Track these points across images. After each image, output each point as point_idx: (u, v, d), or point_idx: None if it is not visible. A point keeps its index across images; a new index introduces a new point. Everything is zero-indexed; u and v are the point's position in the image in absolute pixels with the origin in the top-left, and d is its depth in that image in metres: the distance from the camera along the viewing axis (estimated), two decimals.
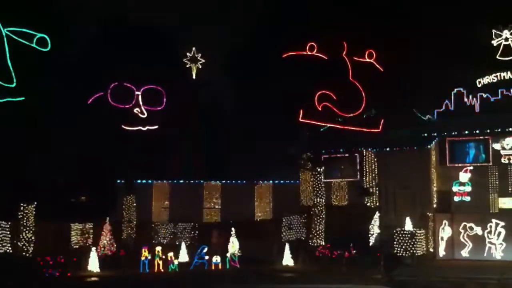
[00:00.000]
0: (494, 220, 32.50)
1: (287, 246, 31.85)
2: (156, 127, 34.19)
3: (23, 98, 27.83)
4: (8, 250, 32.14)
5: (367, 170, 36.10)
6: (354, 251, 30.66)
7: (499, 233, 32.33)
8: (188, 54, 36.12)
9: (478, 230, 32.77)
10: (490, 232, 32.57)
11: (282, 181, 40.27)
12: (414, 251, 31.08)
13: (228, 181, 39.81)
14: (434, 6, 42.00)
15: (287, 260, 31.50)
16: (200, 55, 36.11)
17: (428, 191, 34.29)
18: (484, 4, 38.96)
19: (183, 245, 32.33)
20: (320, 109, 32.74)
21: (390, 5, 42.71)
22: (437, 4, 41.83)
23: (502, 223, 32.31)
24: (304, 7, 43.43)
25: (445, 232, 33.39)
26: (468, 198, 33.61)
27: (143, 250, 30.27)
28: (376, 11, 42.26)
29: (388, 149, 34.83)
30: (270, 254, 32.23)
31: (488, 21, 36.00)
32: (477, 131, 33.52)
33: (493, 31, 34.22)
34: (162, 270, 29.80)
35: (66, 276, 28.19)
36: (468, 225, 33.00)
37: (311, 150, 36.63)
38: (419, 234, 31.59)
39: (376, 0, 43.25)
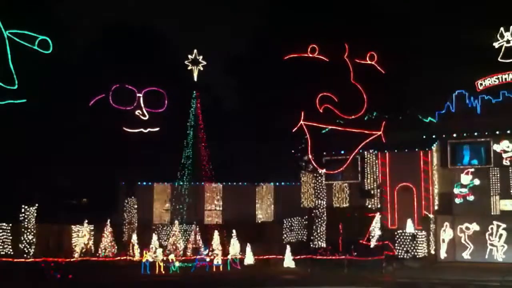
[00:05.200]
0: (495, 222, 32.53)
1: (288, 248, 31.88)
2: (157, 129, 34.18)
3: (25, 100, 27.80)
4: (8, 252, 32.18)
5: (368, 172, 36.08)
6: (355, 253, 30.64)
7: (501, 235, 32.35)
8: (189, 56, 36.07)
9: (479, 232, 32.77)
10: (491, 234, 32.57)
11: (283, 183, 40.35)
12: (416, 253, 31.07)
13: (230, 183, 39.86)
14: (436, 8, 42.09)
15: (289, 262, 31.52)
16: (201, 57, 36.06)
17: (430, 193, 34.27)
18: (486, 6, 39.03)
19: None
20: (321, 111, 32.68)
21: (392, 7, 42.80)
22: (439, 6, 41.91)
23: (503, 225, 32.34)
24: (306, 9, 43.48)
25: (447, 234, 33.41)
26: (469, 200, 33.59)
27: (144, 252, 30.27)
28: (378, 13, 42.34)
29: (389, 151, 34.78)
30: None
31: (489, 24, 36.03)
32: (479, 133, 33.51)
33: (495, 33, 34.20)
34: (163, 272, 29.80)
35: (67, 278, 28.17)
36: (470, 227, 33.02)
37: (312, 152, 36.61)
38: (420, 236, 31.58)
39: (377, 2, 43.34)
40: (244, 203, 39.46)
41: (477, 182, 33.50)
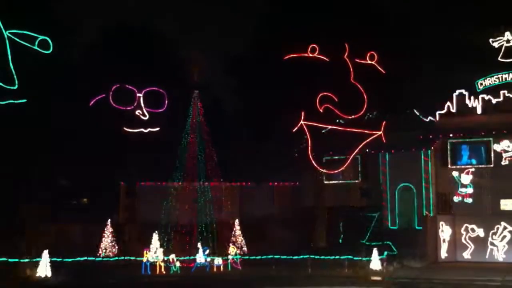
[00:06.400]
0: (496, 222, 32.50)
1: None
2: (157, 129, 34.18)
3: (25, 100, 27.81)
4: None
5: (369, 172, 36.06)
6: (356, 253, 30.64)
7: (501, 234, 32.34)
8: (190, 56, 36.15)
9: (480, 232, 32.82)
10: (492, 234, 32.56)
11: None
12: (416, 253, 31.03)
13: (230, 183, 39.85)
14: (436, 8, 42.08)
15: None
16: (202, 57, 36.13)
17: (430, 193, 34.27)
18: (486, 6, 39.02)
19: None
20: (321, 111, 32.70)
21: (392, 7, 42.79)
22: (439, 6, 41.90)
23: (504, 225, 32.33)
24: (306, 9, 43.46)
25: (447, 234, 33.41)
26: (469, 200, 33.60)
27: (144, 252, 30.25)
28: (378, 13, 42.32)
29: (389, 150, 34.77)
30: None
31: (489, 24, 36.03)
32: (479, 133, 33.50)
33: (495, 33, 34.19)
34: (164, 272, 29.78)
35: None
36: (470, 227, 33.04)
37: (312, 152, 36.62)
38: (420, 236, 31.54)
39: (377, 2, 43.34)
40: (248, 202, 39.51)
41: (477, 181, 33.50)
